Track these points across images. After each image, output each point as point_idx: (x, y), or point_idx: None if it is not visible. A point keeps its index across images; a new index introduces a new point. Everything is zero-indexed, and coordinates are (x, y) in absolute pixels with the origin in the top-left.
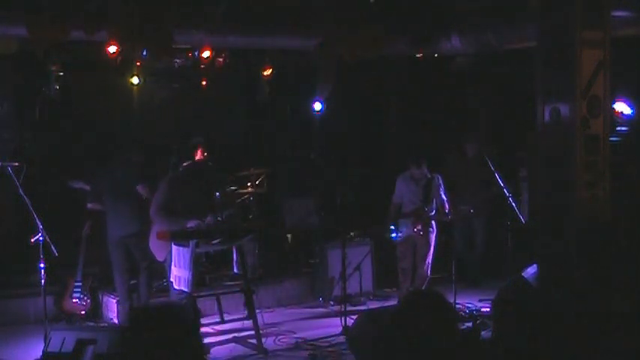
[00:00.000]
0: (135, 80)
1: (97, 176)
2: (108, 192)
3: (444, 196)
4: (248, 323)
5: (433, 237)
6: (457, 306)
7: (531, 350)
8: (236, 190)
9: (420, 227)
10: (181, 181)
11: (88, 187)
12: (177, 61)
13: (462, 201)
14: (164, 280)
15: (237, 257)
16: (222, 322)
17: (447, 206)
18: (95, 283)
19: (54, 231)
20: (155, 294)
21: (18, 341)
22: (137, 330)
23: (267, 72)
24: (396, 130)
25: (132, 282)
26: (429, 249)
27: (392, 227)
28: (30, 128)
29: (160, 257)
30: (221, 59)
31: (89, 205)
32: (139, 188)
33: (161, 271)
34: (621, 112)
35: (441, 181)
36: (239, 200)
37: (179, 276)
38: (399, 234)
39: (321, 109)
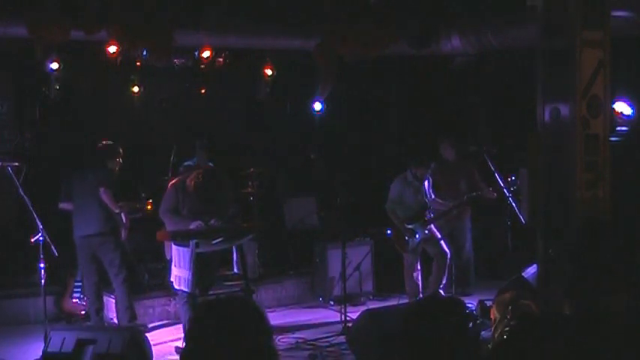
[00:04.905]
0: (136, 89)
1: (69, 176)
2: (75, 192)
3: (431, 192)
4: None
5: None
6: None
7: (531, 349)
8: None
9: (432, 227)
10: (186, 186)
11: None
12: (177, 61)
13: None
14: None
15: (237, 257)
16: None
17: (439, 199)
18: None
19: (54, 231)
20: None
21: (18, 341)
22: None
23: (268, 72)
24: (396, 130)
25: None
26: (440, 240)
27: (410, 227)
28: (30, 128)
29: (169, 255)
30: (221, 59)
31: (60, 205)
32: (102, 192)
33: (161, 270)
34: (621, 112)
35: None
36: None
37: (179, 276)
38: (415, 240)
39: (321, 109)
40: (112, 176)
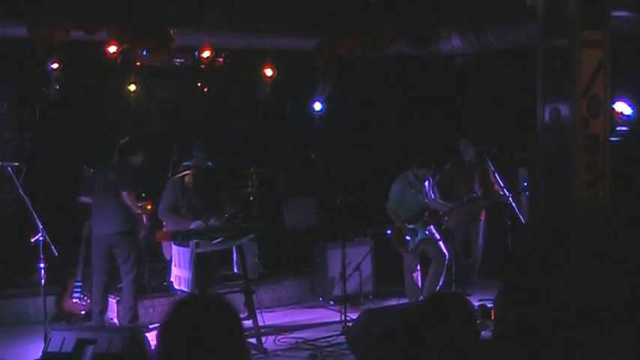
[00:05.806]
0: (132, 87)
1: (94, 172)
2: (98, 189)
3: (432, 192)
4: (248, 323)
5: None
6: None
7: (531, 349)
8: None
9: (431, 227)
10: (185, 184)
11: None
12: (178, 61)
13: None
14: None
15: (237, 257)
16: None
17: (440, 200)
18: None
19: (54, 231)
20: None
21: (18, 341)
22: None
23: (268, 72)
24: (396, 130)
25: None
26: (439, 240)
27: (412, 227)
28: (30, 128)
29: (167, 255)
30: (221, 59)
31: (81, 198)
32: (124, 195)
33: (161, 270)
34: (621, 112)
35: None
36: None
37: (179, 276)
38: (416, 240)
39: (321, 109)
40: (133, 177)
